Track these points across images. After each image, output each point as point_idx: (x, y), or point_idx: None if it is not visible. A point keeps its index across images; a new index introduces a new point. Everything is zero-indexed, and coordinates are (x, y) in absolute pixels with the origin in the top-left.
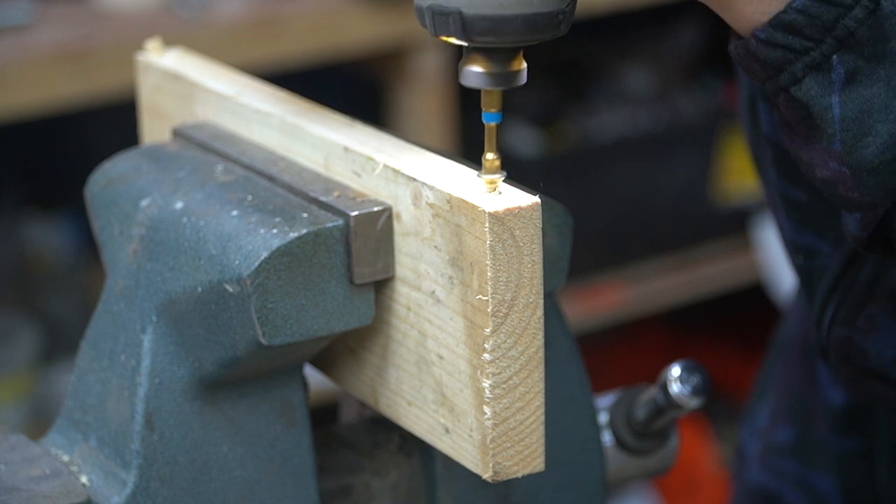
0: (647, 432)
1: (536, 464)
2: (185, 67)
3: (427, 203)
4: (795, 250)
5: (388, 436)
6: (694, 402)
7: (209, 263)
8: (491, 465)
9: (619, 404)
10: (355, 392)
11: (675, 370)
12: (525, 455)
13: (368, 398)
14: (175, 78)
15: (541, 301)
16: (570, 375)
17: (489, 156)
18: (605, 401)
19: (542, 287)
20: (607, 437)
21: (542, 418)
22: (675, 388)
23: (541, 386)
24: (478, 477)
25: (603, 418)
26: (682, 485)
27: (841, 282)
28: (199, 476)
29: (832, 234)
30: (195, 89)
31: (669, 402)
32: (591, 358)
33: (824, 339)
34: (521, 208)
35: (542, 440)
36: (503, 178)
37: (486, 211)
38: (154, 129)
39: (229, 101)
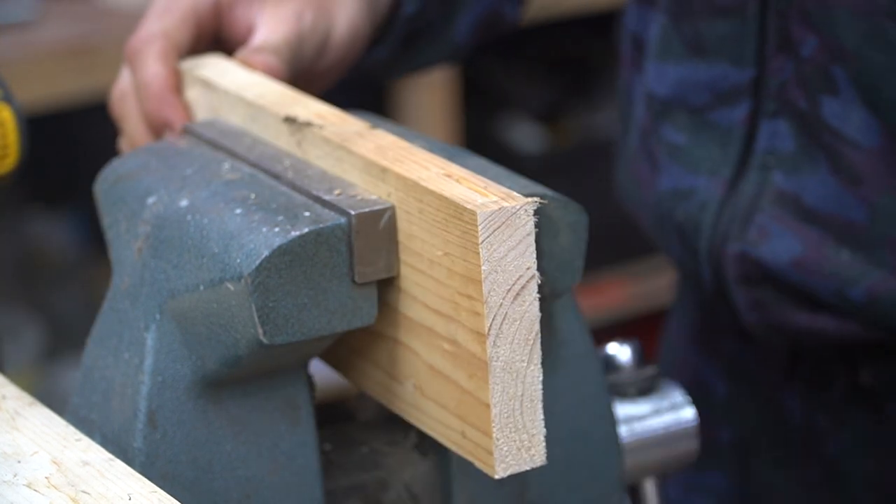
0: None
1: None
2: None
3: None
4: (677, 198)
5: (404, 434)
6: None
7: (212, 261)
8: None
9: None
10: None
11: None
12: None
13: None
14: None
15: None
16: (587, 375)
17: None
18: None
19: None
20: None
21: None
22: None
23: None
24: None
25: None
26: None
27: (727, 202)
28: (202, 475)
29: (707, 167)
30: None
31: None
32: None
33: (718, 266)
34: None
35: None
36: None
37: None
38: None
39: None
